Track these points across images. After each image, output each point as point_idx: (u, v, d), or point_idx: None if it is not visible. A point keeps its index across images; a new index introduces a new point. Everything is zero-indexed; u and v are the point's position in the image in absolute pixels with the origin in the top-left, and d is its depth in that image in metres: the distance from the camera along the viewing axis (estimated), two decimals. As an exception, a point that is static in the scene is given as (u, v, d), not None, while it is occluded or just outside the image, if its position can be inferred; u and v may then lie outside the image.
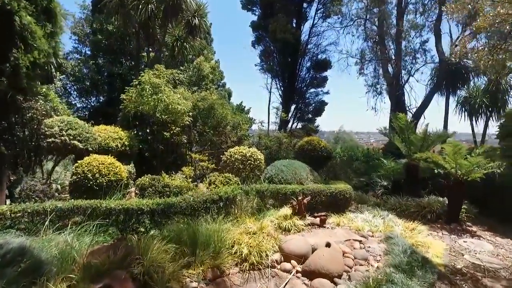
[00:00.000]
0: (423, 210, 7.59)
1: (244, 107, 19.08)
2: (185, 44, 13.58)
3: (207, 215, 5.25)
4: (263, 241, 4.80)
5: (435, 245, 5.64)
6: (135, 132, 9.42)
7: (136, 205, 4.86)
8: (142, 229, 4.86)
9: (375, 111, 16.16)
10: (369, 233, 5.88)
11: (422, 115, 12.21)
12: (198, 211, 5.21)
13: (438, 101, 15.06)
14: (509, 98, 12.74)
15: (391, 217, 7.02)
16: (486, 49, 6.54)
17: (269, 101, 18.76)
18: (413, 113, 12.41)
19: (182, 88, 11.36)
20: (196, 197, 5.31)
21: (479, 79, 13.53)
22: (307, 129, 17.03)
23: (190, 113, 9.86)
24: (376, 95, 15.58)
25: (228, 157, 8.05)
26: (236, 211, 5.87)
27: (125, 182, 6.50)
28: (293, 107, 19.13)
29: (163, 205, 5.00)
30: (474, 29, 6.29)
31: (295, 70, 18.77)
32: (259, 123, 13.36)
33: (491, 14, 5.98)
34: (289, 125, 18.40)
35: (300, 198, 6.23)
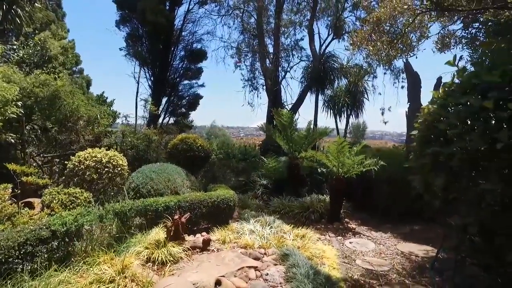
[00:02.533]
0: (307, 211, 7.34)
1: (106, 98, 16.00)
2: (17, 9, 10.08)
3: (29, 265, 3.31)
4: (124, 296, 3.26)
5: (328, 253, 5.24)
6: None
7: None
8: None
9: (252, 106, 16.01)
10: (262, 250, 5.02)
11: (297, 112, 12.55)
12: (10, 263, 3.20)
13: (309, 97, 15.89)
14: (365, 99, 14.47)
15: (278, 223, 6.40)
16: (383, 40, 6.61)
17: (137, 92, 16.20)
18: (289, 109, 12.62)
19: (5, 67, 8.18)
20: (5, 238, 3.25)
21: (342, 80, 14.88)
22: (181, 124, 15.49)
23: (21, 102, 7.04)
24: (252, 90, 15.43)
25: (76, 163, 5.91)
26: (83, 247, 4.04)
27: None
28: (164, 100, 17.10)
29: None
30: (374, 19, 6.25)
31: (167, 59, 16.75)
32: (124, 117, 11.11)
33: (388, 7, 6.00)
34: (160, 120, 16.35)
35: (176, 217, 4.85)
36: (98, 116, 9.12)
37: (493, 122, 2.39)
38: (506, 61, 2.47)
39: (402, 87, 12.94)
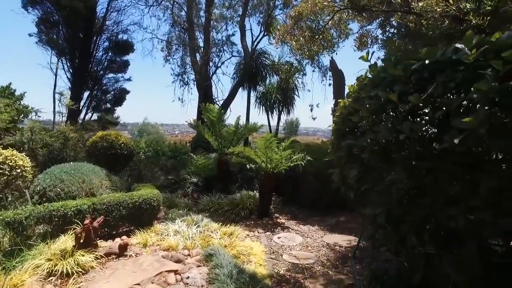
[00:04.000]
0: (236, 208, 7.22)
1: (14, 90, 13.95)
2: None
3: None
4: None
5: (255, 249, 5.15)
6: None
7: None
8: None
9: (182, 102, 15.35)
10: (185, 251, 4.73)
11: (229, 108, 12.37)
12: None
13: (241, 94, 15.84)
14: (295, 95, 14.91)
15: (206, 221, 6.18)
16: (305, 36, 6.68)
17: (55, 85, 14.51)
18: (220, 105, 12.40)
19: None
20: None
21: (274, 77, 15.12)
22: (104, 121, 14.21)
23: None
24: (183, 85, 14.81)
25: (-42, 167, 4.92)
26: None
27: None
28: (87, 94, 15.52)
29: None
30: (296, 13, 6.27)
31: (89, 49, 15.20)
32: (34, 112, 9.75)
33: (310, 2, 6.04)
34: (82, 116, 14.82)
35: (87, 221, 4.31)
36: (-4, 110, 7.83)
37: (397, 114, 2.49)
38: (408, 58, 2.58)
39: (330, 84, 13.62)
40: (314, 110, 15.87)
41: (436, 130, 2.36)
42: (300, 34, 6.22)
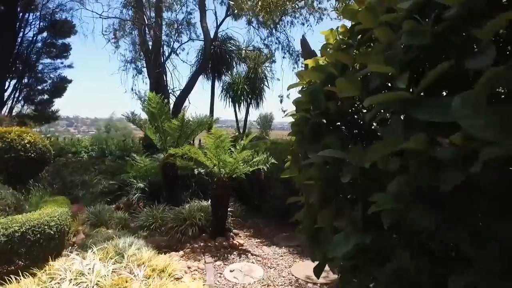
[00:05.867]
0: (183, 224, 5.61)
1: None
2: None
3: None
4: None
5: (193, 297, 3.57)
6: None
7: None
8: None
9: (136, 93, 13.16)
10: (77, 314, 3.06)
11: (187, 99, 10.60)
12: None
13: (203, 84, 14.06)
14: (265, 86, 13.35)
15: (136, 248, 4.55)
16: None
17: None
18: (177, 96, 10.61)
19: None
20: None
21: (241, 66, 13.48)
22: (38, 115, 11.90)
23: None
24: (136, 74, 12.78)
25: None
26: None
27: None
28: (14, 82, 12.89)
29: None
30: None
31: (14, 26, 12.45)
32: None
33: None
34: (5, 109, 12.17)
35: None
36: None
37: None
38: None
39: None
40: (285, 101, 14.32)
41: None
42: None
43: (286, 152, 5.97)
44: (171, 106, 9.27)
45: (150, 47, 9.71)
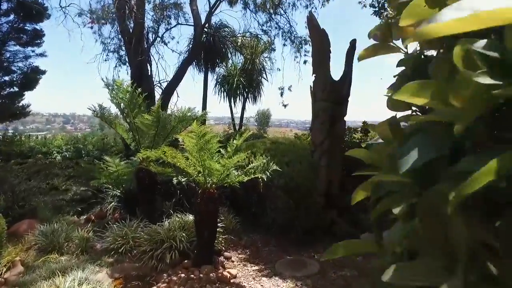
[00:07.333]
0: (160, 247, 4.40)
1: None
2: None
3: None
4: None
5: None
6: None
7: None
8: None
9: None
10: None
11: (175, 92, 9.33)
12: None
13: (194, 75, 12.72)
14: (263, 78, 12.08)
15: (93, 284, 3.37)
16: None
17: None
18: (163, 89, 9.36)
19: None
20: None
21: (237, 57, 12.19)
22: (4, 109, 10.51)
23: None
24: (120, 64, 11.46)
25: None
26: None
27: None
28: None
29: None
30: None
31: None
32: None
33: None
34: None
35: None
36: None
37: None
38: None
39: (305, 62, 10.87)
40: (286, 94, 13.05)
41: None
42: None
43: (289, 154, 4.74)
44: (156, 99, 8.01)
45: (131, 30, 8.43)
